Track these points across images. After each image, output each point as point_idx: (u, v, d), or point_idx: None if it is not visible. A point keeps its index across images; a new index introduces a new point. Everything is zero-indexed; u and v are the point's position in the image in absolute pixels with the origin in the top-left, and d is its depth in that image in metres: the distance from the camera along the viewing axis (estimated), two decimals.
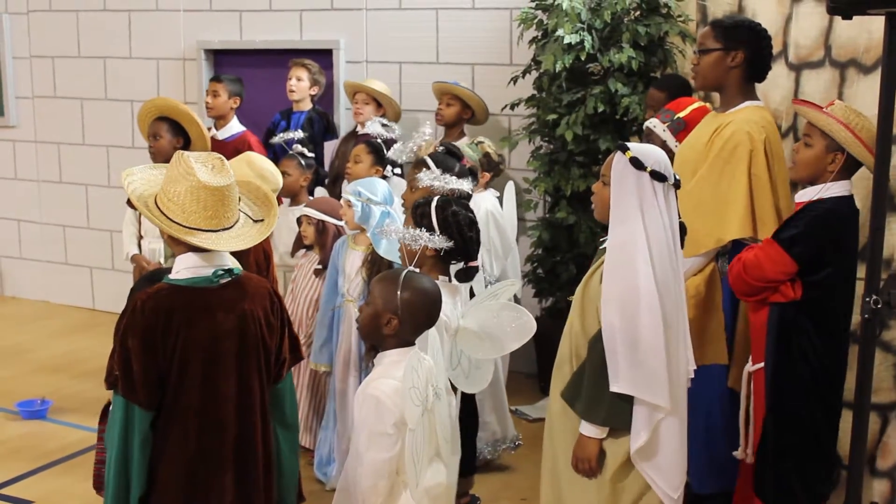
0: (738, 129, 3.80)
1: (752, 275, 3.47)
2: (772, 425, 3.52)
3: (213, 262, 2.80)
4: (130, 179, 2.82)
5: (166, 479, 2.73)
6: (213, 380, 2.76)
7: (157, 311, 2.68)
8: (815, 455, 3.54)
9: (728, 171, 3.79)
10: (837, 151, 3.43)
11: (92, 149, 7.93)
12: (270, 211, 2.96)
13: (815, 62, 4.20)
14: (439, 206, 3.66)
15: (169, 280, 2.78)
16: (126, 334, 2.66)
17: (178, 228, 2.70)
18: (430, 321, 3.11)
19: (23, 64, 8.15)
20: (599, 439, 3.06)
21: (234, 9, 7.24)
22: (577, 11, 5.34)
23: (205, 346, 2.74)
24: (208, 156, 2.80)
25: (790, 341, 3.46)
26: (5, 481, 4.77)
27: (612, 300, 2.98)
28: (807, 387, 3.47)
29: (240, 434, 2.83)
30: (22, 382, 6.18)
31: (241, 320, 2.82)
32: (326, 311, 4.61)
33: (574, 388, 3.12)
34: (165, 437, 2.72)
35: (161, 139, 5.25)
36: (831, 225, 3.45)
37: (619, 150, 3.05)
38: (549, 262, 5.90)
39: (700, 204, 3.80)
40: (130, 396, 2.65)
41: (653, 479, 3.04)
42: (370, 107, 6.16)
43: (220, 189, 2.71)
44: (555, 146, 5.78)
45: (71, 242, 8.18)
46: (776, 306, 3.48)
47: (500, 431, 4.90)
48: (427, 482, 2.97)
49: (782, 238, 3.44)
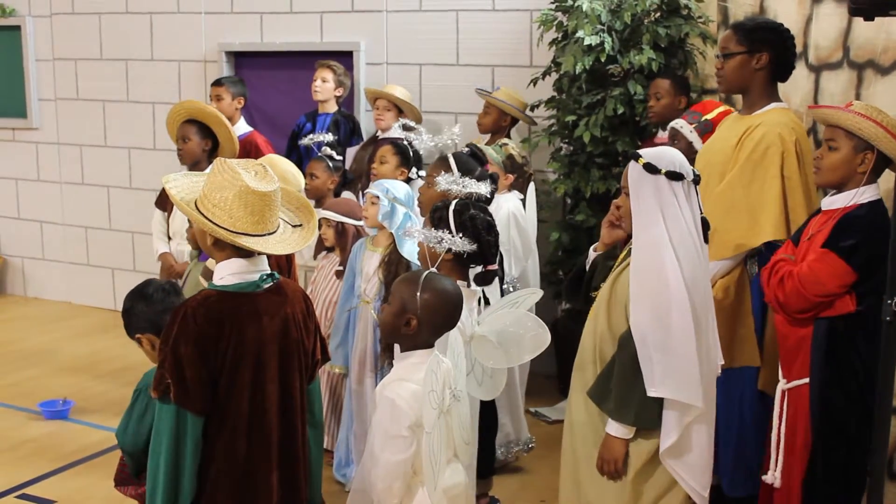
0: (769, 130, 3.77)
1: (812, 290, 3.32)
2: (822, 446, 3.38)
3: (256, 266, 2.83)
4: (172, 185, 2.83)
5: (216, 485, 2.74)
6: (260, 384, 2.79)
7: (209, 319, 2.69)
8: (861, 470, 3.41)
9: (760, 174, 3.77)
10: (867, 151, 3.33)
11: (114, 150, 7.98)
12: (310, 217, 2.99)
13: (834, 63, 4.18)
14: (457, 210, 3.66)
15: (215, 286, 2.80)
16: (178, 343, 2.66)
17: (225, 233, 2.72)
18: (450, 324, 3.11)
19: (45, 66, 8.22)
20: (626, 440, 3.06)
21: (255, 11, 7.26)
22: (598, 13, 5.33)
23: (253, 351, 2.76)
24: (249, 162, 2.83)
25: (839, 357, 3.34)
26: (27, 481, 4.80)
27: (642, 300, 2.98)
28: (855, 402, 3.36)
29: (283, 436, 2.86)
30: (44, 383, 6.23)
31: (284, 324, 2.85)
32: (343, 313, 4.62)
33: (602, 387, 3.12)
34: (214, 443, 2.73)
35: (190, 141, 5.27)
36: (881, 231, 3.25)
37: (633, 159, 3.06)
38: (569, 265, 5.88)
39: (732, 207, 3.78)
40: (185, 403, 2.66)
41: (682, 477, 3.04)
42: (391, 113, 6.17)
43: (267, 194, 2.73)
44: (574, 148, 5.77)
45: (93, 243, 8.23)
46: (824, 321, 3.35)
47: (514, 433, 4.89)
48: (445, 483, 2.97)
49: (841, 248, 3.31)
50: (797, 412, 3.46)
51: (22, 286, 8.67)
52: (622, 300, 3.09)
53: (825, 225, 3.43)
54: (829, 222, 3.41)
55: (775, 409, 3.54)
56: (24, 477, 4.84)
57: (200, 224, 2.76)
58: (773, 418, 3.55)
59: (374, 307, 4.42)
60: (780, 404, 3.52)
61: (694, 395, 2.96)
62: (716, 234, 3.79)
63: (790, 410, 3.48)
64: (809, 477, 3.43)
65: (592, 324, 3.22)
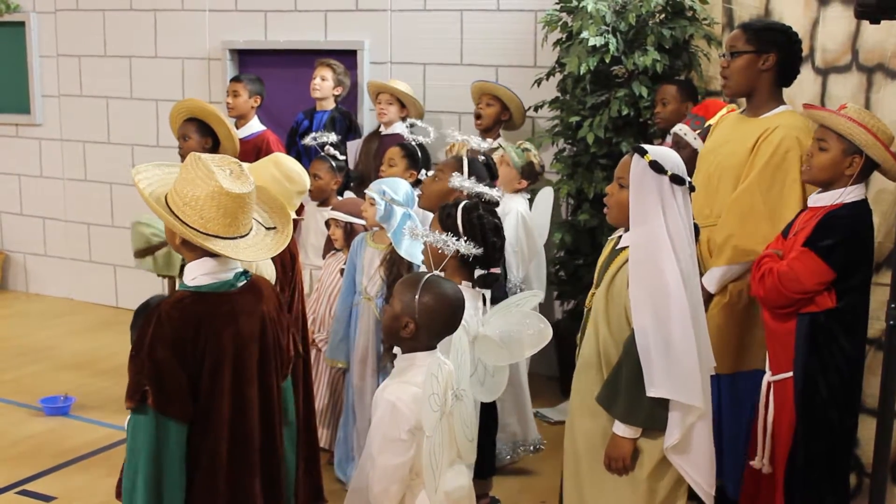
0: (787, 134, 3.77)
1: (790, 287, 3.41)
2: (803, 435, 3.48)
3: (228, 265, 2.72)
4: (141, 177, 2.71)
5: (200, 493, 2.64)
6: (240, 386, 2.69)
7: (184, 320, 2.59)
8: (845, 462, 3.52)
9: (780, 178, 3.77)
10: (855, 155, 3.41)
11: (117, 147, 7.98)
12: (285, 222, 2.88)
13: (842, 66, 4.17)
14: (465, 210, 3.65)
15: (187, 287, 2.69)
16: (154, 346, 2.55)
17: (195, 234, 2.60)
18: (450, 328, 3.09)
19: (49, 63, 8.22)
20: (633, 439, 3.08)
21: (259, 9, 7.26)
22: (602, 14, 5.33)
23: (232, 353, 2.67)
24: (224, 159, 2.70)
25: (821, 350, 3.42)
26: (28, 477, 4.80)
27: (643, 302, 2.98)
28: (837, 394, 3.44)
29: (263, 438, 2.78)
30: (45, 379, 6.23)
31: (261, 323, 2.77)
32: (343, 308, 4.60)
33: (610, 391, 3.11)
34: (198, 450, 2.62)
35: (190, 140, 5.27)
36: (861, 231, 3.43)
37: (637, 153, 3.04)
38: (572, 265, 5.89)
39: (750, 212, 3.78)
40: (167, 411, 2.54)
41: (688, 473, 3.07)
42: (394, 107, 6.18)
43: (241, 196, 2.62)
44: (578, 149, 5.77)
45: (95, 240, 8.23)
46: (806, 316, 3.44)
47: (521, 433, 4.86)
48: (448, 485, 2.95)
49: (820, 247, 3.39)
50: (783, 404, 3.54)
51: (24, 282, 8.67)
52: (621, 302, 3.09)
53: (809, 222, 3.50)
54: (812, 220, 3.49)
55: (761, 400, 3.63)
56: (24, 473, 4.83)
57: (169, 224, 2.64)
58: (758, 408, 3.64)
59: (377, 304, 4.41)
60: (765, 396, 3.61)
61: (695, 395, 2.97)
62: (731, 239, 3.81)
63: (776, 402, 3.56)
64: (790, 465, 3.53)
65: (593, 327, 3.21)
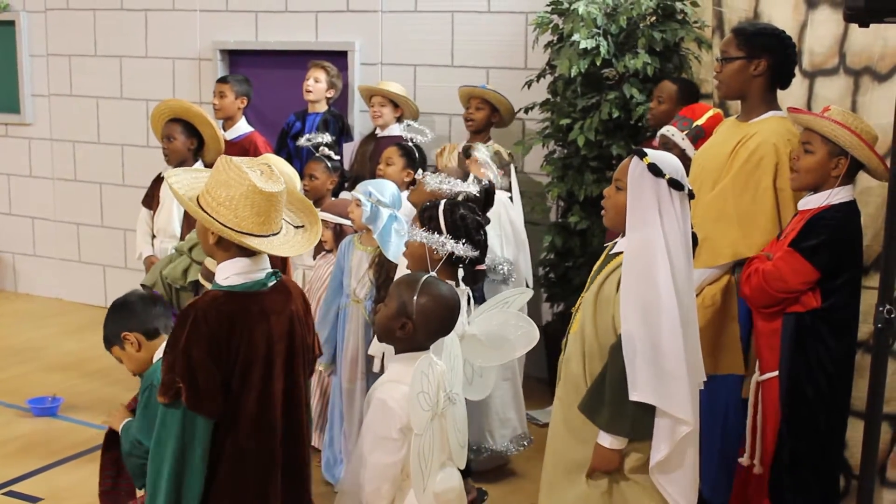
0: (764, 140, 3.76)
1: (775, 286, 3.45)
2: (788, 434, 3.51)
3: (260, 265, 2.81)
4: (175, 180, 2.80)
5: (223, 487, 2.72)
6: (268, 383, 2.77)
7: (220, 320, 2.67)
8: (831, 461, 3.54)
9: (752, 184, 3.75)
10: (841, 156, 3.44)
11: (107, 147, 7.96)
12: (313, 220, 2.97)
13: (830, 69, 4.17)
14: (447, 209, 3.63)
15: (220, 287, 2.77)
16: (189, 345, 2.63)
17: (232, 232, 2.69)
18: (445, 329, 3.09)
19: (39, 62, 8.19)
20: (620, 450, 3.00)
21: (250, 9, 7.25)
22: (593, 16, 5.33)
23: (263, 351, 2.75)
24: (252, 161, 2.82)
25: (807, 350, 3.45)
26: (15, 478, 4.79)
27: (633, 307, 2.92)
28: (823, 394, 3.46)
29: (286, 433, 2.84)
30: (33, 379, 6.21)
31: (290, 322, 2.85)
32: (329, 310, 4.59)
33: (594, 400, 3.02)
34: (223, 445, 2.71)
35: (175, 140, 5.26)
36: (848, 232, 3.46)
37: (637, 156, 3.00)
38: (562, 267, 5.89)
39: (722, 215, 3.77)
40: (197, 408, 2.64)
41: (668, 491, 2.98)
42: (388, 108, 6.18)
43: (274, 195, 2.71)
44: (568, 151, 5.77)
45: (85, 240, 8.21)
46: (791, 315, 3.47)
47: (521, 428, 4.91)
48: (438, 487, 2.95)
49: (803, 247, 3.43)
50: (769, 403, 3.58)
51: (13, 282, 8.64)
52: (608, 308, 3.02)
53: (797, 224, 3.54)
54: (800, 222, 3.53)
55: (749, 399, 3.67)
56: (12, 474, 4.82)
57: (206, 223, 2.72)
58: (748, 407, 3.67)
59: (367, 307, 4.40)
60: (754, 395, 3.64)
61: (680, 406, 2.89)
62: (705, 242, 3.80)
63: (764, 401, 3.59)
64: (776, 464, 3.56)
65: (579, 336, 3.13)
